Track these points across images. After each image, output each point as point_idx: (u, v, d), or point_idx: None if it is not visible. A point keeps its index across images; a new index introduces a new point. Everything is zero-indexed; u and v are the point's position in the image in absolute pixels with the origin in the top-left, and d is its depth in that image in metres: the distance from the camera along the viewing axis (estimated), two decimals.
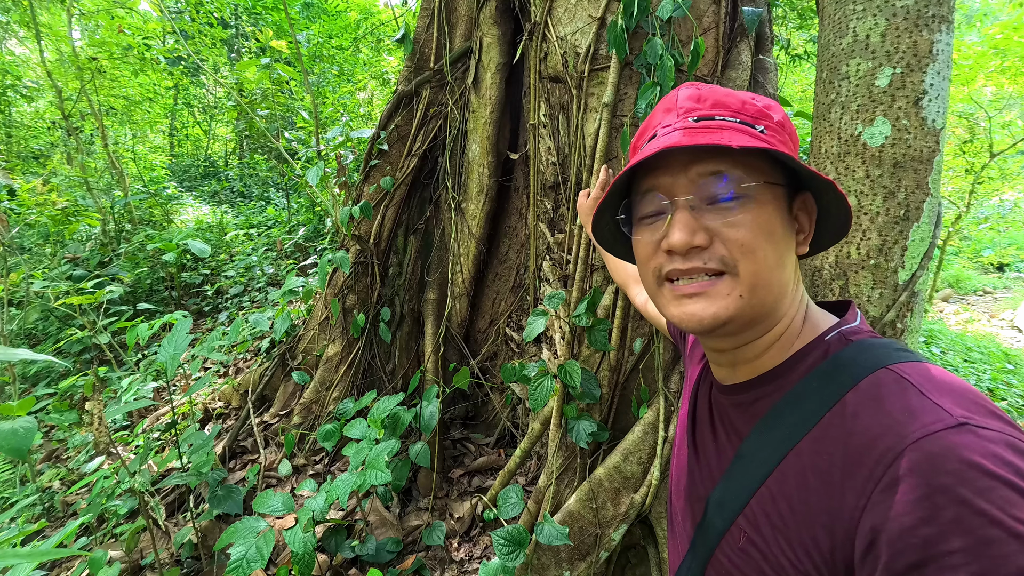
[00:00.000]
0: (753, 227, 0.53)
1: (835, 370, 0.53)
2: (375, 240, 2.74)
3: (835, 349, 0.55)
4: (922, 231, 1.11)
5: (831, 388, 0.51)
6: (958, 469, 0.39)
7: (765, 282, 0.54)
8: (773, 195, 0.55)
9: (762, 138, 0.54)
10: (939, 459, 0.40)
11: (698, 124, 0.55)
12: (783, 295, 0.57)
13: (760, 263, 0.54)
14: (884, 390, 0.47)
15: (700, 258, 0.55)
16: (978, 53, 5.67)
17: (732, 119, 0.56)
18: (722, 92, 0.58)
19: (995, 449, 0.39)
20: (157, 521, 2.13)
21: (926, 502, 0.39)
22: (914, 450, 0.41)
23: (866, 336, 0.56)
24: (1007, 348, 5.81)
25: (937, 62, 1.08)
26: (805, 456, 0.50)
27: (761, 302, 0.55)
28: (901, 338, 1.14)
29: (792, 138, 0.59)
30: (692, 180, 0.55)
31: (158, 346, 2.93)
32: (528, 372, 1.96)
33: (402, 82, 2.74)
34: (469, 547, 2.08)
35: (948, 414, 0.42)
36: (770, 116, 0.57)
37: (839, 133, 1.18)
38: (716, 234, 0.54)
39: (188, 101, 10.25)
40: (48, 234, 4.66)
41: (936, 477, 0.39)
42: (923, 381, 0.46)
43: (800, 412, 0.53)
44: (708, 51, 1.78)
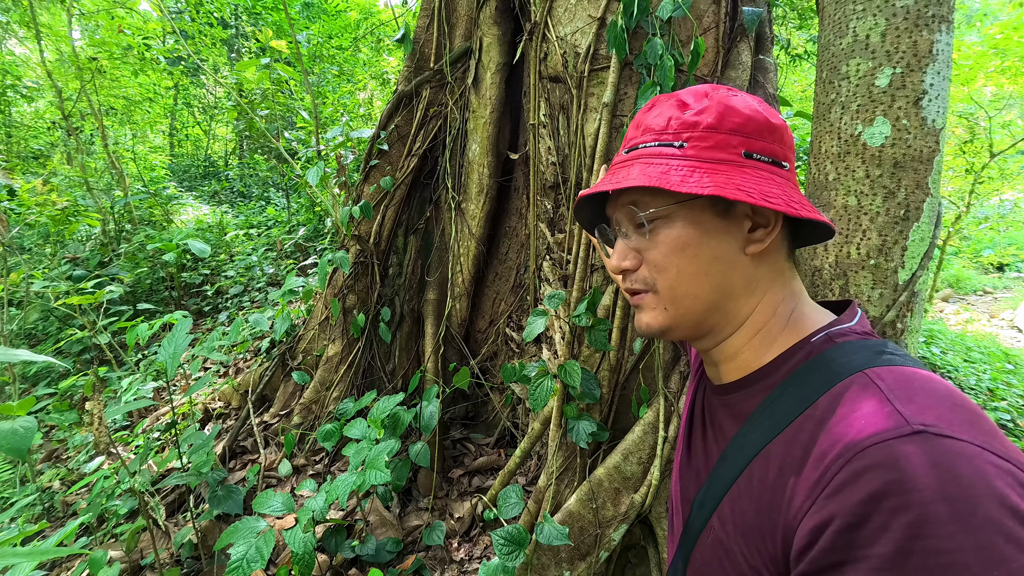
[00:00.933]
0: (663, 247, 0.59)
1: (812, 373, 0.53)
2: (375, 240, 2.74)
3: (817, 351, 0.55)
4: (922, 231, 1.11)
5: (806, 391, 0.52)
6: (898, 479, 0.38)
7: (685, 293, 0.59)
8: (684, 211, 0.58)
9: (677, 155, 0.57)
10: (883, 467, 0.39)
11: (627, 156, 0.62)
12: (726, 299, 0.59)
13: (673, 278, 0.59)
14: (852, 395, 0.47)
15: (630, 280, 0.64)
16: (978, 53, 5.67)
17: (652, 143, 0.60)
18: (656, 112, 0.62)
19: (957, 463, 0.38)
20: (157, 521, 2.13)
21: (862, 507, 0.39)
22: (862, 457, 0.41)
23: (854, 338, 0.55)
24: (1007, 348, 5.81)
25: (937, 62, 1.08)
26: (772, 457, 0.51)
27: (689, 311, 0.60)
28: (901, 338, 1.14)
29: (741, 130, 0.57)
30: (623, 211, 0.63)
31: (158, 346, 2.94)
32: (528, 372, 1.96)
33: (402, 82, 2.74)
34: (469, 547, 2.08)
35: (906, 422, 0.41)
36: (696, 124, 0.58)
37: (839, 133, 1.18)
38: (642, 256, 0.62)
39: (188, 101, 10.25)
40: (48, 234, 4.66)
41: (877, 483, 0.39)
42: (894, 386, 0.45)
43: (776, 414, 0.54)
44: (708, 51, 1.78)
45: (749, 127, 0.58)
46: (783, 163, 0.60)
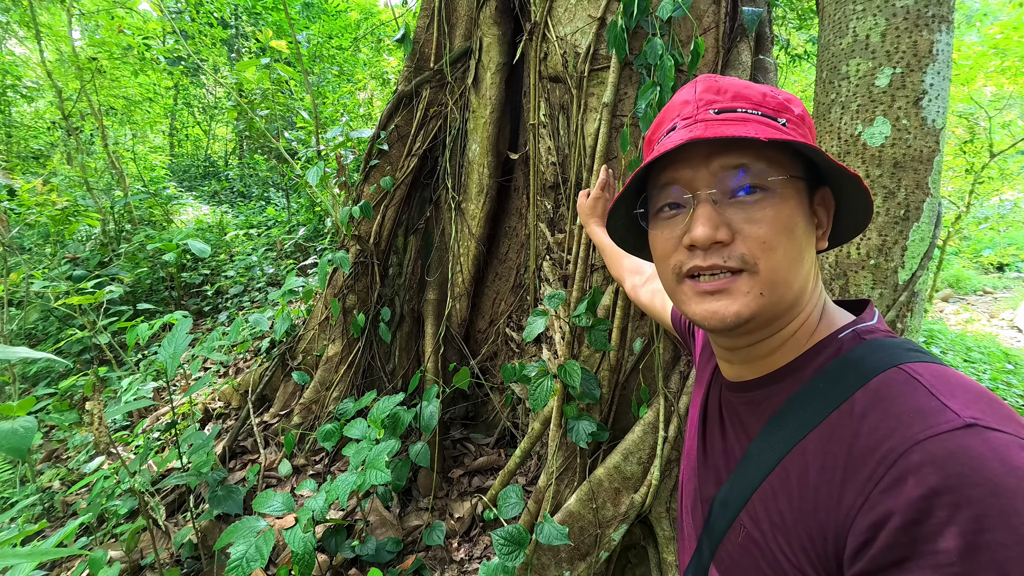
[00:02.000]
0: (774, 223, 0.52)
1: (845, 368, 0.52)
2: (375, 240, 2.74)
3: (847, 347, 0.54)
4: (922, 231, 1.11)
5: (840, 387, 0.50)
6: (957, 472, 0.38)
7: (784, 279, 0.54)
8: (796, 190, 0.55)
9: (784, 131, 0.54)
10: (941, 460, 0.39)
11: (719, 116, 0.55)
12: (802, 291, 0.57)
13: (780, 260, 0.53)
14: (893, 390, 0.46)
15: (720, 255, 0.53)
16: (978, 53, 5.67)
17: (754, 111, 0.55)
18: (741, 84, 0.57)
19: (1010, 457, 0.38)
20: (157, 521, 2.13)
21: (922, 502, 0.38)
22: (917, 451, 0.40)
23: (881, 335, 0.55)
24: (1007, 348, 5.81)
25: (937, 62, 1.08)
26: (809, 454, 0.50)
27: (780, 299, 0.54)
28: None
29: (811, 132, 0.59)
30: (714, 173, 0.54)
31: (158, 346, 2.94)
32: (528, 372, 1.96)
33: (402, 82, 2.74)
34: (469, 547, 2.08)
35: (956, 415, 0.41)
36: (791, 109, 0.56)
37: (839, 133, 1.18)
38: (737, 230, 0.53)
39: (188, 101, 10.25)
40: (48, 234, 4.66)
41: (936, 478, 0.38)
42: (934, 381, 0.45)
43: (807, 410, 0.52)
44: (708, 51, 1.78)
45: (814, 132, 0.60)
46: None
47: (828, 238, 0.61)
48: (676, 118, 0.59)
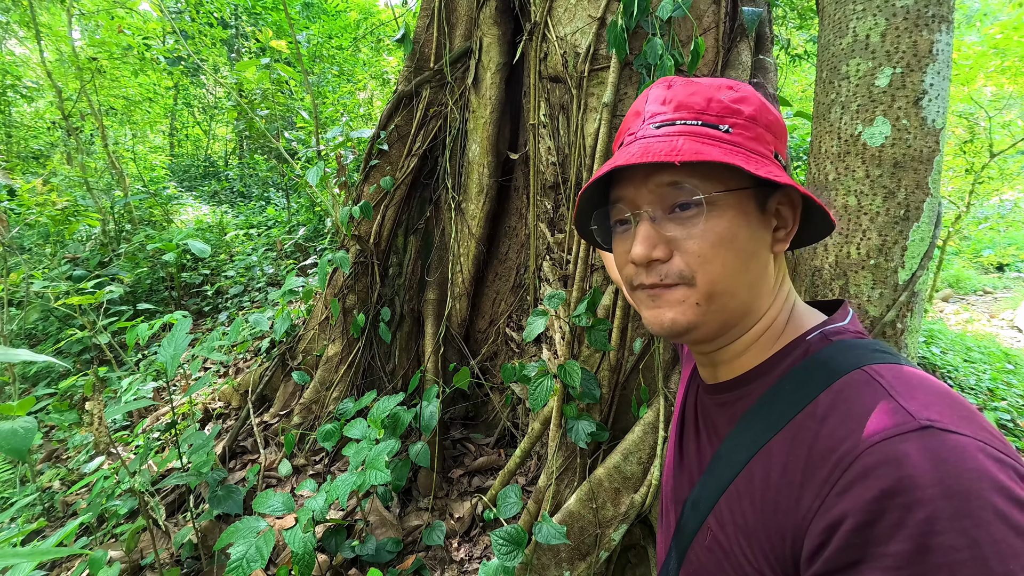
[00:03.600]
0: (710, 237, 0.54)
1: (810, 370, 0.52)
2: (375, 240, 2.74)
3: (814, 349, 0.55)
4: (922, 231, 1.11)
5: (805, 389, 0.51)
6: (909, 475, 0.38)
7: (725, 289, 0.55)
8: (735, 200, 0.55)
9: (726, 139, 0.54)
10: (895, 463, 0.39)
11: (659, 132, 0.56)
12: (755, 297, 0.57)
13: (718, 272, 0.54)
14: (854, 391, 0.47)
15: (659, 272, 0.56)
16: (978, 53, 5.67)
17: (693, 122, 0.55)
18: (688, 91, 0.58)
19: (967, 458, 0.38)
20: (157, 521, 2.13)
21: (875, 504, 0.38)
22: (872, 453, 0.41)
23: (849, 336, 0.55)
24: (1007, 348, 5.81)
25: (937, 62, 1.08)
26: (774, 456, 0.50)
27: (723, 308, 0.56)
28: (901, 338, 1.14)
29: (771, 129, 0.57)
30: (652, 191, 0.56)
31: (158, 346, 2.93)
32: (528, 372, 1.96)
33: (402, 82, 2.74)
34: (469, 547, 2.08)
35: (912, 417, 0.41)
36: (739, 112, 0.56)
37: (839, 133, 1.18)
38: (676, 246, 0.55)
39: (188, 101, 10.25)
40: (48, 234, 4.66)
41: (889, 480, 0.39)
42: (895, 382, 0.46)
43: (773, 412, 0.53)
44: (708, 51, 1.78)
45: (777, 128, 0.58)
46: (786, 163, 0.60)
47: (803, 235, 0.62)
48: (627, 132, 0.61)
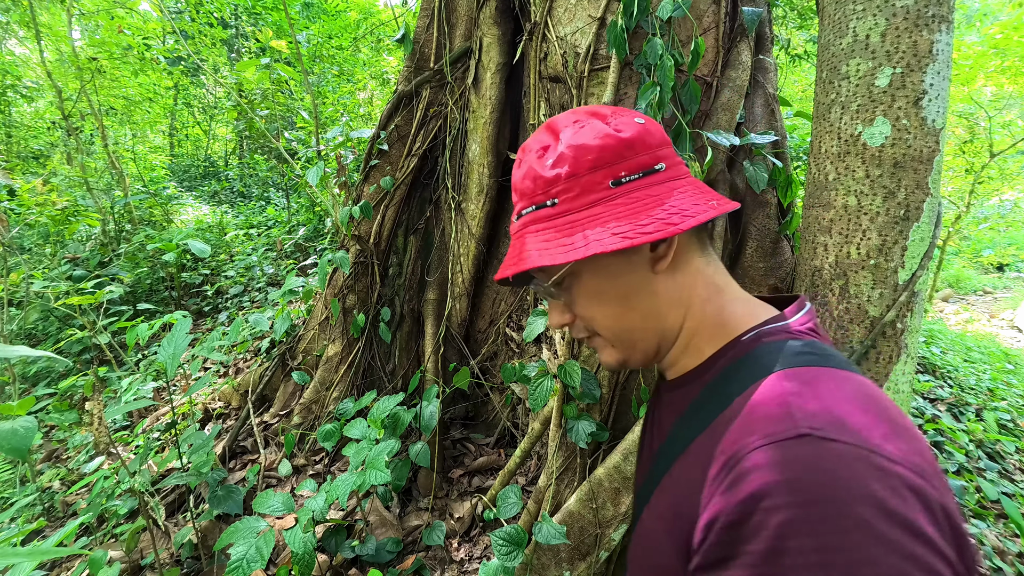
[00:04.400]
0: (581, 299, 0.62)
1: (738, 372, 0.53)
2: (375, 240, 2.74)
3: (744, 351, 0.55)
4: (922, 231, 1.11)
5: (728, 391, 0.52)
6: (777, 480, 0.39)
7: (623, 329, 0.61)
8: (584, 265, 0.60)
9: (555, 213, 0.59)
10: (769, 467, 0.40)
11: (518, 224, 0.63)
12: (659, 321, 0.61)
13: (607, 323, 0.61)
14: (762, 395, 0.47)
15: (575, 331, 0.67)
16: (978, 53, 5.67)
17: (530, 208, 0.61)
18: (521, 173, 0.63)
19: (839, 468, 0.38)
20: (157, 521, 2.13)
21: (744, 505, 0.40)
22: (752, 456, 0.42)
23: (782, 337, 0.54)
24: (1007, 348, 5.81)
25: (937, 62, 1.08)
26: (692, 455, 0.52)
27: (637, 342, 0.62)
28: (901, 338, 1.14)
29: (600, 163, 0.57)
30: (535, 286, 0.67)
31: (158, 346, 2.93)
32: (528, 372, 1.96)
33: (402, 82, 2.74)
34: (469, 547, 2.08)
35: (795, 424, 0.42)
36: (557, 179, 0.58)
37: (839, 133, 1.18)
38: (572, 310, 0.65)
39: (188, 101, 10.25)
40: (48, 234, 4.66)
41: (759, 483, 0.40)
42: (801, 388, 0.46)
43: (700, 413, 0.55)
44: (708, 51, 1.78)
45: (606, 156, 0.57)
46: (656, 167, 0.58)
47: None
48: None
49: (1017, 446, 3.02)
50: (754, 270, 1.81)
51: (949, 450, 2.82)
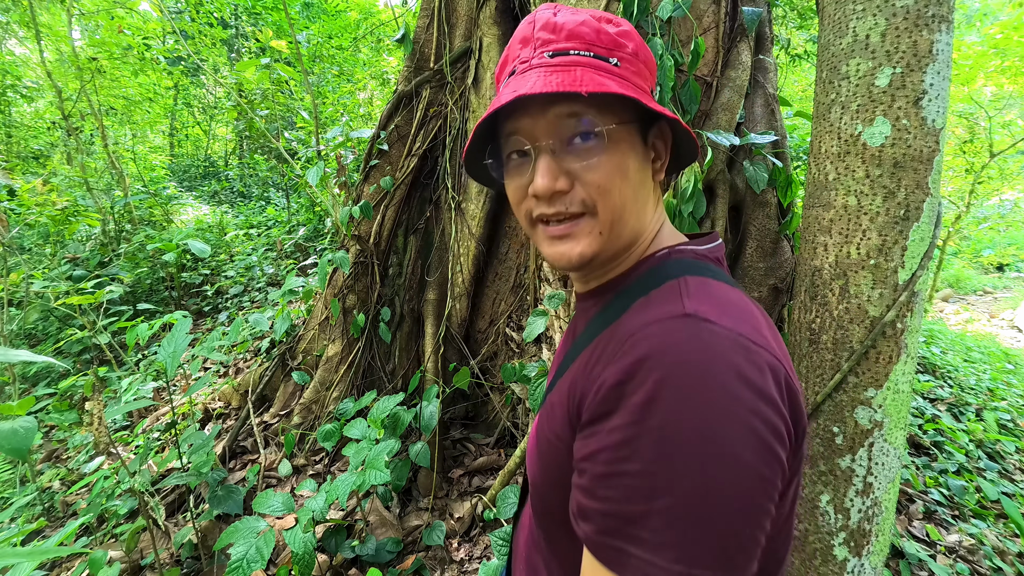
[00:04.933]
0: (608, 168, 0.56)
1: (647, 278, 0.58)
2: (375, 240, 2.74)
3: (656, 263, 0.60)
4: (922, 231, 1.11)
5: (636, 292, 0.57)
6: (658, 346, 0.46)
7: (621, 218, 0.59)
8: (627, 132, 0.58)
9: (616, 72, 0.56)
10: (654, 337, 0.47)
11: (553, 60, 0.56)
12: (642, 224, 0.62)
13: (616, 201, 0.57)
14: (660, 293, 0.53)
15: (563, 202, 0.58)
16: (978, 53, 5.67)
17: (585, 53, 0.57)
18: (577, 19, 0.58)
19: (707, 338, 0.45)
20: (157, 521, 2.13)
21: (630, 367, 0.46)
22: (642, 331, 0.48)
23: (689, 256, 0.60)
24: (1007, 348, 5.81)
25: (937, 62, 1.08)
26: (593, 347, 0.56)
27: (619, 235, 0.60)
28: (901, 338, 1.14)
29: (647, 65, 0.61)
30: (551, 122, 0.56)
31: (158, 346, 2.93)
32: (528, 372, 1.96)
33: (402, 82, 2.74)
34: (469, 547, 2.08)
35: (683, 308, 0.48)
36: (624, 45, 0.58)
37: (839, 133, 1.18)
38: (576, 176, 0.57)
39: (188, 101, 10.25)
40: (48, 234, 4.66)
41: (644, 349, 0.46)
42: (692, 288, 0.52)
43: (607, 316, 0.59)
44: (708, 51, 1.78)
45: (652, 65, 0.63)
46: None
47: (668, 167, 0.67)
48: (516, 60, 0.60)
49: (1017, 446, 3.02)
50: (754, 270, 1.81)
51: (949, 450, 2.82)
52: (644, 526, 0.41)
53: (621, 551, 0.43)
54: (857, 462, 1.18)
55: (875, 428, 1.17)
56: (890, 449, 1.18)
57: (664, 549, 0.40)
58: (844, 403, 1.19)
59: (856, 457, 1.18)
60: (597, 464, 0.46)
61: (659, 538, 0.41)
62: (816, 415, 1.23)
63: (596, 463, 0.46)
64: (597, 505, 0.45)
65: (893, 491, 1.21)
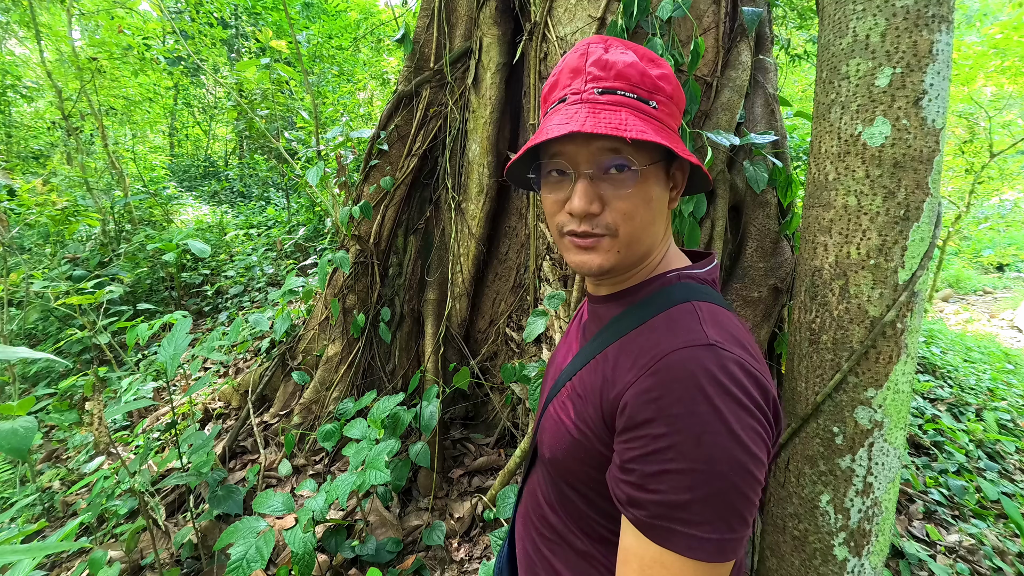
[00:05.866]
0: (635, 198, 0.66)
1: (658, 299, 0.69)
2: (375, 240, 2.74)
3: (667, 283, 0.71)
4: (922, 231, 1.11)
5: (648, 310, 0.68)
6: (690, 371, 0.57)
7: (638, 239, 0.68)
8: (656, 169, 0.67)
9: (653, 115, 0.65)
10: (681, 362, 0.58)
11: (601, 98, 0.64)
12: (655, 244, 0.72)
13: (636, 225, 0.67)
14: (680, 316, 0.64)
15: (591, 223, 0.67)
16: (978, 53, 5.67)
17: (630, 95, 0.65)
18: (626, 60, 0.65)
19: (727, 365, 0.57)
20: (157, 521, 2.13)
21: (660, 387, 0.57)
22: (671, 354, 0.59)
23: (695, 281, 0.71)
24: (1007, 348, 5.81)
25: (937, 62, 1.08)
26: (610, 353, 0.68)
27: (635, 253, 0.70)
28: (901, 338, 1.14)
29: (679, 105, 0.71)
30: (593, 153, 0.65)
31: (158, 346, 2.93)
32: (528, 372, 1.96)
33: (402, 82, 2.74)
34: (469, 547, 2.08)
35: (706, 336, 0.59)
36: (663, 89, 0.67)
37: (839, 133, 1.18)
38: (606, 201, 0.66)
39: (188, 101, 10.25)
40: (48, 234, 4.66)
41: (673, 372, 0.57)
42: (707, 316, 0.63)
43: (622, 324, 0.70)
44: (708, 51, 1.78)
45: (682, 104, 0.72)
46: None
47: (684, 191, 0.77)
48: (567, 88, 0.68)
49: (1017, 446, 3.02)
50: (754, 270, 1.81)
51: (949, 450, 2.82)
52: (687, 510, 0.54)
53: (670, 530, 0.55)
54: (857, 462, 1.18)
55: (875, 428, 1.17)
56: (890, 449, 1.18)
57: (703, 525, 0.54)
58: (844, 403, 1.19)
59: (856, 457, 1.18)
60: (647, 464, 0.56)
61: (699, 518, 0.54)
62: (816, 415, 1.23)
63: (646, 463, 0.57)
64: (648, 496, 0.56)
65: (893, 491, 1.21)
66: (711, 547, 0.54)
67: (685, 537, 0.54)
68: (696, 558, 0.54)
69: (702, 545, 0.54)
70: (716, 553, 0.54)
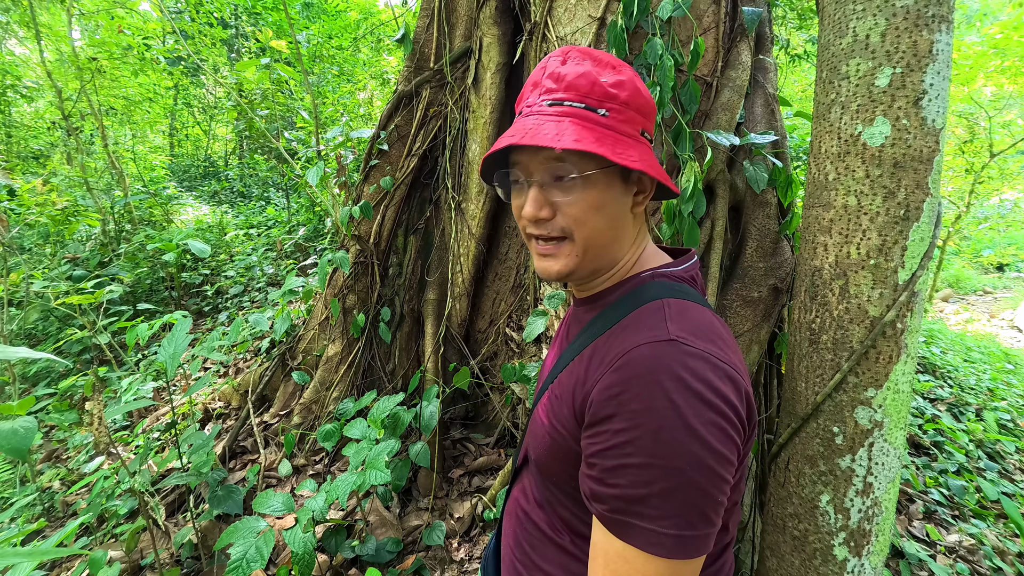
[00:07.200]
0: (584, 204, 0.67)
1: (631, 298, 0.70)
2: (375, 240, 2.74)
3: (640, 283, 0.72)
4: (922, 231, 1.11)
5: (622, 310, 0.69)
6: (650, 367, 0.57)
7: (595, 244, 0.70)
8: (604, 175, 0.67)
9: (601, 122, 0.66)
10: (642, 358, 0.58)
11: (550, 110, 0.67)
12: (619, 249, 0.74)
13: (590, 231, 0.69)
14: (647, 314, 0.65)
15: (546, 227, 0.70)
16: (978, 53, 5.67)
17: (578, 104, 0.66)
18: (578, 71, 0.67)
19: (687, 360, 0.57)
20: (157, 521, 2.13)
21: (620, 384, 0.58)
22: (632, 351, 0.60)
23: (669, 279, 0.72)
24: (1007, 348, 5.81)
25: (937, 62, 1.08)
26: (587, 353, 0.69)
27: (594, 258, 0.72)
28: (901, 338, 1.14)
29: (641, 110, 0.70)
30: (541, 163, 0.68)
31: (158, 346, 2.93)
32: (528, 372, 1.96)
33: (402, 82, 2.74)
34: (469, 547, 2.08)
35: (668, 333, 0.60)
36: (616, 96, 0.67)
37: (839, 133, 1.18)
38: (558, 207, 0.68)
39: (188, 101, 10.25)
40: (48, 234, 4.65)
41: (633, 368, 0.58)
42: (674, 313, 0.64)
43: (598, 325, 0.72)
44: (708, 51, 1.78)
45: (645, 109, 0.71)
46: (651, 138, 0.74)
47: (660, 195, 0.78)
48: (524, 102, 0.72)
49: (1017, 446, 3.02)
50: (754, 270, 1.81)
51: (949, 450, 2.82)
52: (645, 504, 0.55)
53: (629, 524, 0.56)
54: (857, 462, 1.18)
55: (875, 428, 1.17)
56: (890, 449, 1.18)
57: (661, 520, 0.54)
58: (844, 403, 1.19)
59: (856, 457, 1.18)
60: (606, 459, 0.57)
61: (656, 513, 0.54)
62: (816, 415, 1.23)
63: (605, 458, 0.57)
64: (608, 490, 0.57)
65: (893, 491, 1.21)
66: (670, 543, 0.54)
67: (644, 532, 0.55)
68: (656, 554, 0.54)
69: (661, 540, 0.54)
70: (676, 549, 0.54)
